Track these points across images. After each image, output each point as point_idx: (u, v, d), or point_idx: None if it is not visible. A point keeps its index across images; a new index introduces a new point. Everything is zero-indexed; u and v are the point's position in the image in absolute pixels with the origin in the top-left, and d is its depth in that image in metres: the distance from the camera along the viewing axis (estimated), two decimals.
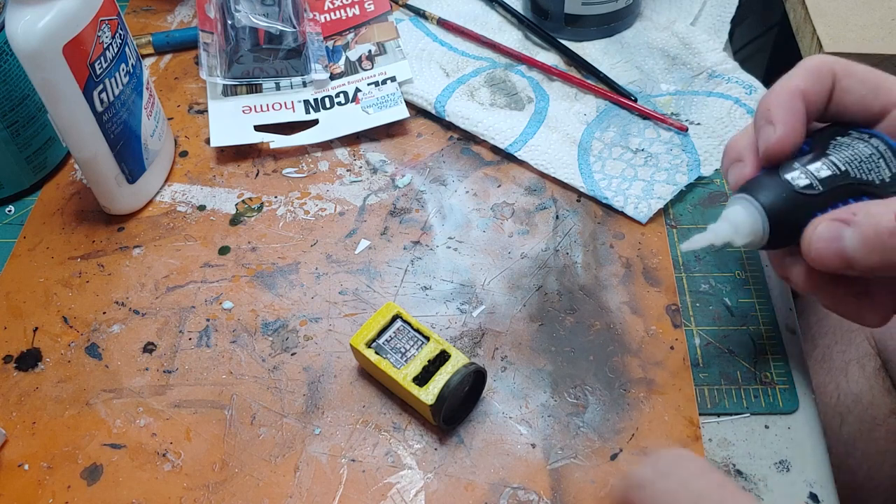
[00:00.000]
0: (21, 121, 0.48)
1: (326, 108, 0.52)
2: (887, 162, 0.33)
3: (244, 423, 0.39)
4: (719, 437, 0.38)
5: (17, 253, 0.47)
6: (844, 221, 0.31)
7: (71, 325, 0.44)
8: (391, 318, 0.39)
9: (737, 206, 0.33)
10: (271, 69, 0.53)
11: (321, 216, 0.48)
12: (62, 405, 0.40)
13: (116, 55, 0.43)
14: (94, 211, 0.49)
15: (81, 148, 0.44)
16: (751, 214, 0.33)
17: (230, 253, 0.46)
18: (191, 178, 0.51)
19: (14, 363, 0.42)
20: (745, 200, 0.33)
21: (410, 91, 0.53)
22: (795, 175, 0.33)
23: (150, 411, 0.40)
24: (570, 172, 0.48)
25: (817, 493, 0.36)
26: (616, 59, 0.55)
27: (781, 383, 0.39)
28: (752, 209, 0.33)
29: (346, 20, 0.57)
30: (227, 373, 0.41)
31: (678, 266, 0.44)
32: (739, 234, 0.33)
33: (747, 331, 0.41)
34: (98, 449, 0.39)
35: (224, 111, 0.52)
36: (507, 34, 0.57)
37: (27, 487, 0.38)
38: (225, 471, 0.38)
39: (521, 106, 0.52)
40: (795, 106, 0.33)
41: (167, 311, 0.44)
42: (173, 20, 0.61)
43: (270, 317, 0.43)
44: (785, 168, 0.33)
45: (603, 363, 0.40)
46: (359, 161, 0.51)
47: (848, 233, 0.31)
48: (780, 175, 0.33)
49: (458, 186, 0.49)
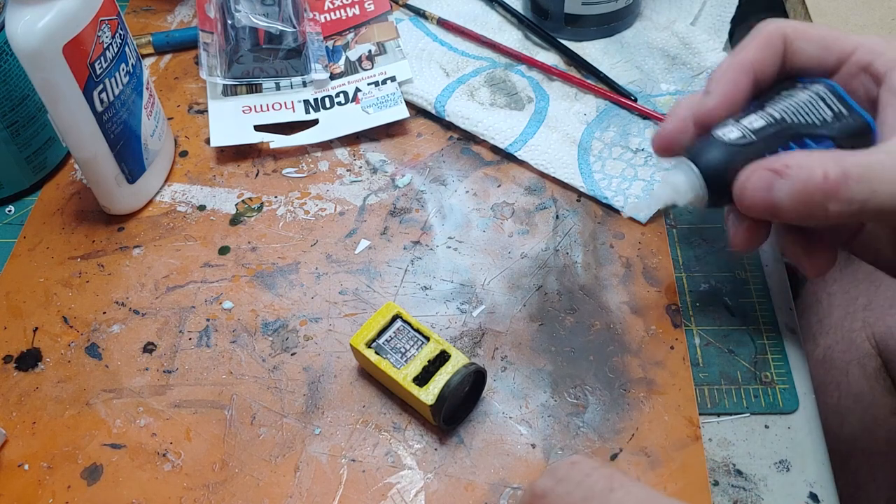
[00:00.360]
0: (21, 121, 0.48)
1: (326, 108, 0.52)
2: (828, 103, 0.34)
3: (244, 423, 0.39)
4: (719, 436, 0.38)
5: (17, 253, 0.47)
6: (777, 172, 0.32)
7: (71, 325, 0.44)
8: (391, 318, 0.39)
9: (675, 170, 0.35)
10: (271, 69, 0.53)
11: (321, 216, 0.48)
12: (62, 405, 0.40)
13: (116, 55, 0.43)
14: (94, 211, 0.49)
15: (81, 148, 0.44)
16: (687, 174, 0.34)
17: (230, 253, 0.46)
18: (191, 178, 0.51)
19: (14, 363, 0.42)
20: (682, 162, 0.35)
21: (410, 91, 0.53)
22: (727, 130, 0.34)
23: (150, 411, 0.40)
24: (570, 172, 0.48)
25: (817, 493, 0.36)
26: (616, 59, 0.55)
27: (781, 383, 0.39)
28: (688, 169, 0.34)
29: (346, 20, 0.57)
30: (227, 373, 0.41)
31: (678, 266, 0.44)
32: (680, 193, 0.35)
33: (747, 331, 0.41)
34: (98, 449, 0.39)
35: (224, 111, 0.52)
36: (507, 34, 0.57)
37: (27, 487, 0.38)
38: (225, 471, 0.38)
39: (521, 106, 0.52)
40: (737, 78, 0.35)
41: (167, 311, 0.44)
42: (173, 20, 0.61)
43: (270, 317, 0.43)
44: (718, 126, 0.35)
45: (603, 363, 0.40)
46: (359, 161, 0.51)
47: (780, 184, 0.32)
48: (712, 133, 0.35)
49: (458, 186, 0.49)
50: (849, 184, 0.31)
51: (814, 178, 0.31)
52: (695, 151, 0.35)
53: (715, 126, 0.35)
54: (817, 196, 0.31)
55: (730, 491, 0.36)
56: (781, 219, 0.33)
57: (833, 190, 0.31)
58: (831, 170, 0.31)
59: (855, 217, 0.32)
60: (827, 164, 0.31)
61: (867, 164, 0.31)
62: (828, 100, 0.34)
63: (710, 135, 0.35)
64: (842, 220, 0.32)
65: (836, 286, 0.59)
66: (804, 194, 0.31)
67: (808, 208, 0.32)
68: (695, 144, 0.35)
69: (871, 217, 0.32)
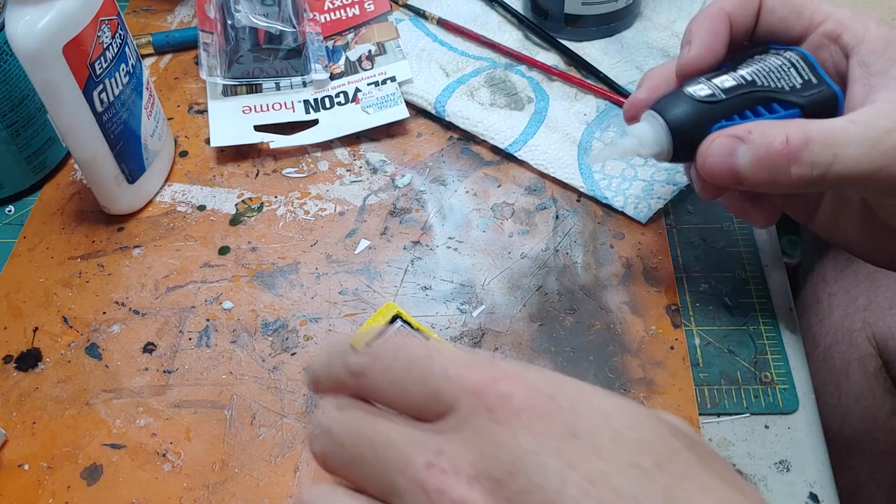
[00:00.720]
0: (21, 121, 0.48)
1: (326, 108, 0.52)
2: (799, 70, 0.35)
3: (244, 423, 0.39)
4: (719, 437, 0.38)
5: (17, 253, 0.47)
6: (740, 138, 0.33)
7: (71, 325, 0.44)
8: (391, 319, 0.39)
9: (642, 121, 0.35)
10: (271, 69, 0.53)
11: (321, 216, 0.48)
12: (62, 405, 0.40)
13: (116, 55, 0.43)
14: (94, 211, 0.49)
15: (81, 148, 0.44)
16: (653, 126, 0.35)
17: (230, 253, 0.46)
18: (191, 178, 0.51)
19: (14, 363, 0.42)
20: (650, 115, 0.35)
21: (410, 91, 0.53)
22: (698, 87, 0.34)
23: (150, 411, 0.40)
24: (570, 172, 0.48)
25: (817, 494, 0.36)
26: (616, 59, 0.55)
27: (781, 383, 0.39)
28: (655, 122, 0.34)
29: (346, 20, 0.57)
30: (227, 373, 0.41)
31: (678, 266, 0.44)
32: (644, 145, 0.35)
33: (747, 331, 0.41)
34: (98, 449, 0.39)
35: (224, 111, 0.52)
36: (507, 34, 0.57)
37: (27, 487, 0.38)
38: (225, 471, 0.38)
39: (521, 106, 0.52)
40: (716, 27, 0.35)
41: (167, 311, 0.44)
42: (173, 20, 0.61)
43: (270, 317, 0.43)
44: (689, 83, 0.35)
45: (603, 363, 0.40)
46: (359, 161, 0.51)
47: (742, 149, 0.32)
48: (683, 89, 0.35)
49: (458, 186, 0.49)
50: (811, 147, 0.31)
51: (775, 142, 0.32)
52: (663, 105, 0.35)
53: (685, 83, 0.35)
54: (780, 160, 0.32)
55: None
56: (745, 185, 0.33)
57: (794, 153, 0.31)
58: (793, 134, 0.32)
59: (818, 183, 0.32)
60: (789, 129, 0.32)
61: (830, 131, 0.32)
62: (799, 67, 0.35)
63: (681, 90, 0.35)
64: (806, 187, 0.33)
65: (836, 286, 0.59)
66: (766, 158, 0.32)
67: (770, 173, 0.32)
68: (663, 99, 0.35)
69: (834, 183, 0.32)
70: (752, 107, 0.34)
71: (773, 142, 0.32)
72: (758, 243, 0.45)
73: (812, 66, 0.35)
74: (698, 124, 0.34)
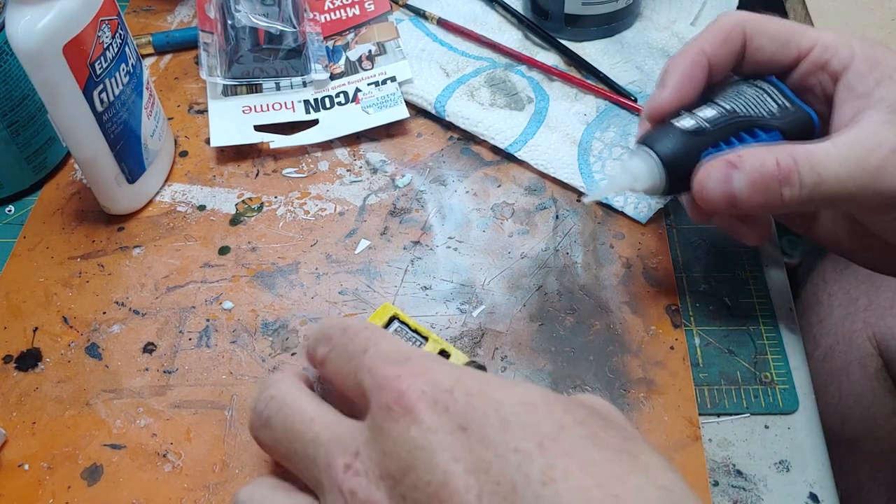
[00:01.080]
0: (21, 121, 0.48)
1: (326, 108, 0.52)
2: (773, 97, 0.37)
3: (244, 423, 0.39)
4: (719, 437, 0.38)
5: (17, 253, 0.47)
6: (733, 164, 0.34)
7: (71, 325, 0.44)
8: (388, 320, 0.39)
9: (634, 157, 0.36)
10: (271, 69, 0.53)
11: (321, 216, 0.48)
12: (62, 405, 0.40)
13: (116, 55, 0.43)
14: (94, 211, 0.49)
15: (81, 148, 0.44)
16: (646, 161, 0.36)
17: (230, 253, 0.46)
18: (191, 178, 0.51)
19: (14, 363, 0.42)
20: (641, 150, 0.36)
21: (410, 91, 0.53)
22: (683, 120, 0.36)
23: (150, 411, 0.40)
24: (570, 172, 0.48)
25: (817, 494, 0.36)
26: (616, 59, 0.55)
27: (781, 383, 0.39)
28: (647, 156, 0.36)
29: (346, 20, 0.57)
30: (228, 373, 0.41)
31: (678, 266, 0.44)
32: (638, 181, 0.36)
33: (747, 331, 0.41)
34: (98, 449, 0.39)
35: (224, 111, 0.52)
36: (507, 34, 0.57)
37: (27, 487, 0.38)
38: (225, 471, 0.38)
39: (521, 106, 0.52)
40: (692, 72, 0.37)
41: (167, 311, 0.44)
42: (173, 20, 0.61)
43: (270, 317, 0.43)
44: (675, 117, 0.37)
45: (603, 363, 0.40)
46: (359, 161, 0.51)
47: (736, 175, 0.34)
48: (670, 123, 0.36)
49: (458, 186, 0.49)
50: (798, 168, 0.33)
51: (767, 165, 0.33)
52: (652, 139, 0.36)
53: (673, 118, 0.37)
54: (772, 183, 0.33)
55: (730, 491, 0.36)
56: (740, 208, 0.34)
57: (785, 175, 0.33)
58: (782, 158, 0.33)
59: (807, 202, 0.33)
60: (777, 152, 0.33)
61: (813, 152, 0.33)
62: (772, 94, 0.37)
63: (668, 123, 0.36)
64: (796, 207, 0.34)
65: (836, 287, 0.59)
66: (760, 182, 0.33)
67: (764, 196, 0.33)
68: (651, 133, 0.37)
69: (821, 201, 0.34)
70: (735, 134, 0.36)
71: (764, 165, 0.33)
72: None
73: (783, 92, 0.37)
74: (689, 154, 0.35)
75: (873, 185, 0.32)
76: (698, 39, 0.37)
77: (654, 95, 0.37)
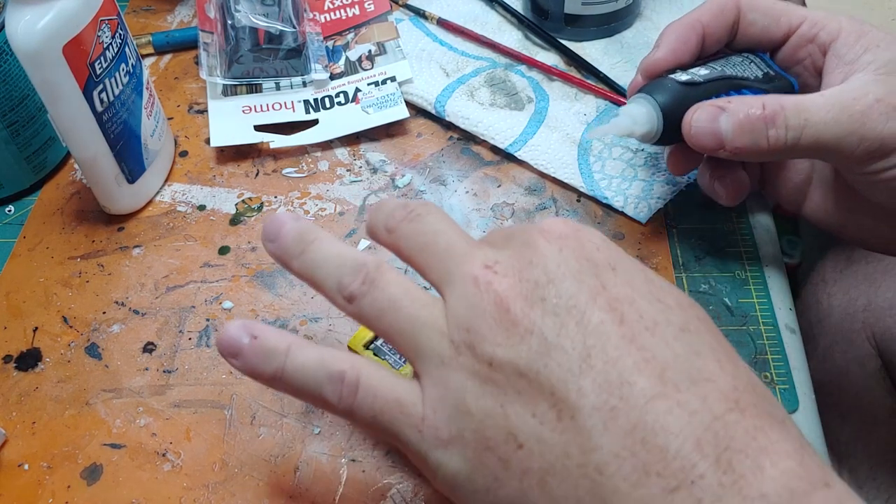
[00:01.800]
0: (21, 121, 0.48)
1: (326, 108, 0.52)
2: (758, 66, 0.40)
3: (244, 423, 0.39)
4: None
5: (17, 253, 0.47)
6: (721, 108, 0.36)
7: (71, 325, 0.44)
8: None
9: (633, 102, 0.39)
10: (271, 69, 0.53)
11: (321, 216, 0.48)
12: (62, 405, 0.40)
13: (116, 55, 0.43)
14: (94, 211, 0.49)
15: (81, 148, 0.44)
16: (645, 107, 0.38)
17: (230, 253, 0.46)
18: (191, 178, 0.51)
19: (14, 363, 0.42)
20: (640, 96, 0.39)
21: (410, 91, 0.53)
22: (679, 75, 0.39)
23: (150, 411, 0.40)
24: (570, 172, 0.48)
25: None
26: (616, 59, 0.55)
27: (781, 383, 0.39)
28: (646, 102, 0.39)
29: (346, 20, 0.57)
30: (227, 373, 0.41)
31: (678, 266, 0.44)
32: (637, 123, 0.38)
33: (747, 331, 0.41)
34: (98, 449, 0.39)
35: (224, 111, 0.52)
36: (507, 34, 0.57)
37: (27, 487, 0.38)
38: (225, 471, 0.38)
39: (521, 106, 0.52)
40: (687, 35, 0.39)
41: (167, 311, 0.44)
42: (173, 20, 0.61)
43: (270, 317, 0.43)
44: (671, 72, 0.40)
45: None
46: (359, 161, 0.51)
47: (723, 117, 0.36)
48: (666, 76, 0.39)
49: (458, 186, 0.49)
50: (785, 112, 0.35)
51: (754, 108, 0.35)
52: (650, 88, 0.39)
53: (670, 73, 0.39)
54: (758, 123, 0.35)
55: None
56: (727, 149, 0.36)
57: (771, 117, 0.35)
58: (769, 102, 0.35)
59: (793, 147, 0.35)
60: (765, 98, 0.35)
61: (800, 100, 0.35)
62: (757, 63, 0.40)
63: (664, 76, 0.39)
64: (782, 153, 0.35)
65: (836, 287, 0.59)
66: (747, 123, 0.35)
67: (751, 136, 0.35)
68: (650, 84, 0.39)
69: (807, 148, 0.35)
70: (726, 91, 0.38)
71: (751, 108, 0.35)
72: (758, 243, 0.45)
73: (769, 63, 0.40)
74: (683, 103, 0.38)
75: (858, 129, 0.34)
76: (695, 10, 0.40)
77: (650, 53, 0.40)
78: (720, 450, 0.22)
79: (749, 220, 0.46)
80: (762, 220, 0.46)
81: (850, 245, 0.60)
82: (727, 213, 0.46)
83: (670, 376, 0.24)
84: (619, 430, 0.23)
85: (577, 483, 0.24)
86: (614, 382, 0.24)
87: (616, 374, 0.24)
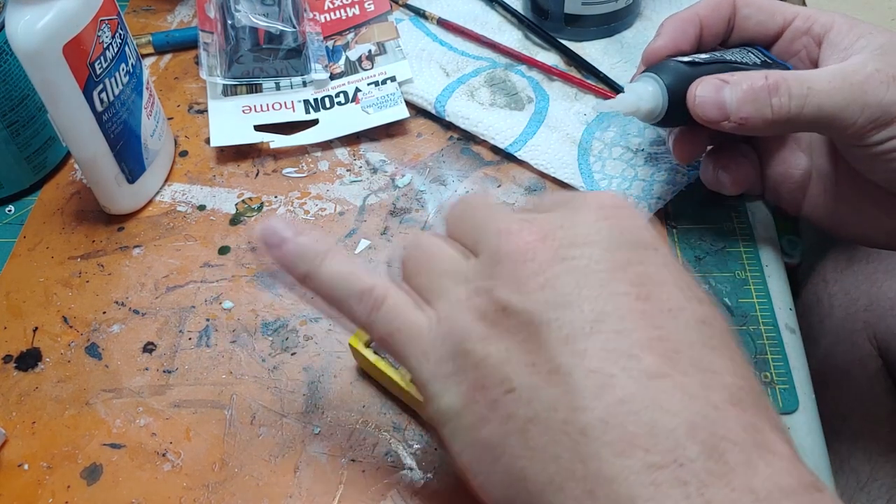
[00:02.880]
0: (21, 121, 0.48)
1: (326, 108, 0.52)
2: (755, 55, 0.41)
3: (244, 423, 0.39)
4: None
5: (17, 253, 0.47)
6: (724, 80, 0.37)
7: (71, 325, 0.44)
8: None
9: (640, 80, 0.40)
10: (271, 69, 0.53)
11: (321, 216, 0.48)
12: (62, 405, 0.40)
13: (116, 55, 0.43)
14: (94, 211, 0.49)
15: (81, 148, 0.44)
16: (651, 84, 0.40)
17: (230, 253, 0.46)
18: (191, 177, 0.51)
19: (14, 363, 0.42)
20: (646, 75, 0.40)
21: (410, 91, 0.53)
22: (681, 58, 0.40)
23: (150, 411, 0.40)
24: (570, 172, 0.48)
25: None
26: (616, 59, 0.55)
27: (781, 383, 0.39)
28: (652, 80, 0.40)
29: (346, 20, 0.57)
30: (227, 373, 0.41)
31: None
32: (643, 100, 0.39)
33: (747, 331, 0.41)
34: (98, 449, 0.39)
35: (224, 111, 0.52)
36: (507, 34, 0.57)
37: (27, 487, 0.38)
38: (225, 471, 0.38)
39: (521, 106, 0.52)
40: (685, 27, 0.41)
41: (167, 311, 0.44)
42: (173, 20, 0.61)
43: (270, 317, 0.43)
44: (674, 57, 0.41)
45: None
46: (359, 161, 0.51)
47: (727, 88, 0.37)
48: (669, 59, 0.41)
49: (458, 186, 0.49)
50: (788, 82, 0.36)
51: (756, 81, 0.36)
52: (655, 69, 0.40)
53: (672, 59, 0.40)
54: (761, 93, 0.36)
55: None
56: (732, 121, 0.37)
57: (774, 86, 0.36)
58: (771, 74, 0.36)
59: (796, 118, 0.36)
60: (767, 71, 0.37)
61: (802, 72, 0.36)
62: (755, 53, 0.41)
63: (667, 60, 0.40)
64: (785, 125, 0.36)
65: (836, 287, 0.59)
66: (749, 92, 0.36)
67: (754, 105, 0.36)
68: (654, 66, 0.41)
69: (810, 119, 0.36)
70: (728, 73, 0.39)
71: (754, 80, 0.36)
72: (758, 243, 0.45)
73: (765, 54, 0.41)
74: (688, 82, 0.39)
75: (860, 98, 0.35)
76: (693, 5, 0.41)
77: (651, 42, 0.41)
78: (715, 438, 0.22)
79: (749, 220, 0.46)
80: (762, 221, 0.46)
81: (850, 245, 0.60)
82: (727, 213, 0.46)
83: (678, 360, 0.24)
84: (612, 398, 0.23)
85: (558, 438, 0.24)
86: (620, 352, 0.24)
87: (626, 345, 0.24)
